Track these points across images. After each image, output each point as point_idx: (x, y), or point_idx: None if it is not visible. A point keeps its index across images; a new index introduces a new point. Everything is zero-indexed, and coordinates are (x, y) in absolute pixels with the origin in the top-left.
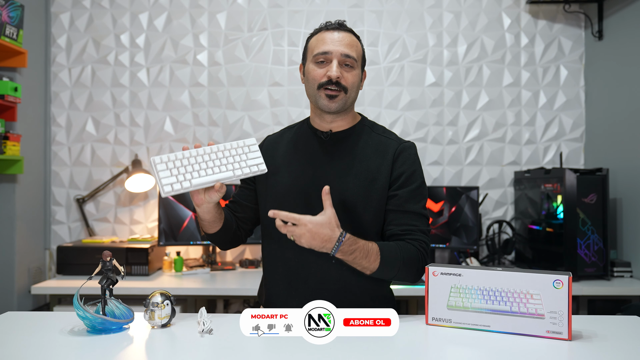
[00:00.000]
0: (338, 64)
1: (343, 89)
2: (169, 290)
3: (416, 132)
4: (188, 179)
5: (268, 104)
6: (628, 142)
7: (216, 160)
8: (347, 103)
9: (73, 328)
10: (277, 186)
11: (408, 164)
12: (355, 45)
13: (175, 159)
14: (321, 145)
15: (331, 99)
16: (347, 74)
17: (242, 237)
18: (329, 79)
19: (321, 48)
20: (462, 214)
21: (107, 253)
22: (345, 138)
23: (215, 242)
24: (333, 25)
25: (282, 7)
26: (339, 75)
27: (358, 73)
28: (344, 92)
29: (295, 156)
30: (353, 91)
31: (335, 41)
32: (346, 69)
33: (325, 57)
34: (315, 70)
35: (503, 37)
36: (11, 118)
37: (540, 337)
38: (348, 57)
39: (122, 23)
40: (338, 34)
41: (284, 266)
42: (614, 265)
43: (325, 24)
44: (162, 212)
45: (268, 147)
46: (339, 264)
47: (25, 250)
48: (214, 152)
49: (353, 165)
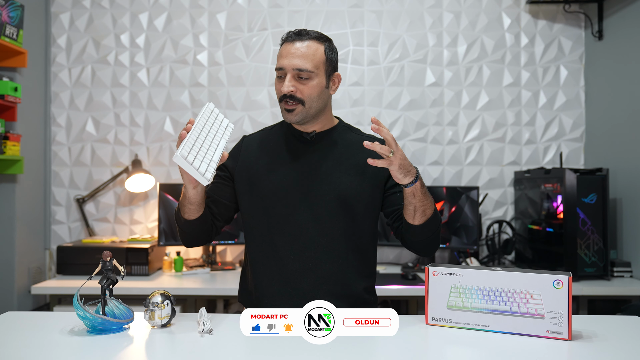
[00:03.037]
0: (292, 78)
1: (300, 102)
2: (169, 290)
3: (416, 132)
4: (210, 157)
5: (268, 104)
6: (628, 142)
7: (209, 134)
8: (309, 113)
9: (73, 328)
10: (263, 186)
11: None
12: (312, 54)
13: (192, 145)
14: (306, 145)
15: (289, 112)
16: (302, 86)
17: (212, 234)
18: (282, 93)
19: (278, 62)
20: (462, 214)
21: (107, 253)
22: (329, 137)
23: (190, 231)
24: (291, 36)
25: (282, 7)
26: (290, 90)
27: (317, 82)
28: (302, 105)
29: (281, 155)
30: (313, 101)
31: (290, 54)
32: (301, 81)
33: (281, 72)
34: (276, 85)
35: (503, 37)
36: (11, 118)
37: (540, 337)
38: (301, 71)
39: (122, 23)
40: (294, 45)
41: (277, 266)
42: (614, 265)
43: (288, 33)
44: (162, 212)
45: (248, 147)
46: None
47: (25, 250)
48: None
49: (341, 162)
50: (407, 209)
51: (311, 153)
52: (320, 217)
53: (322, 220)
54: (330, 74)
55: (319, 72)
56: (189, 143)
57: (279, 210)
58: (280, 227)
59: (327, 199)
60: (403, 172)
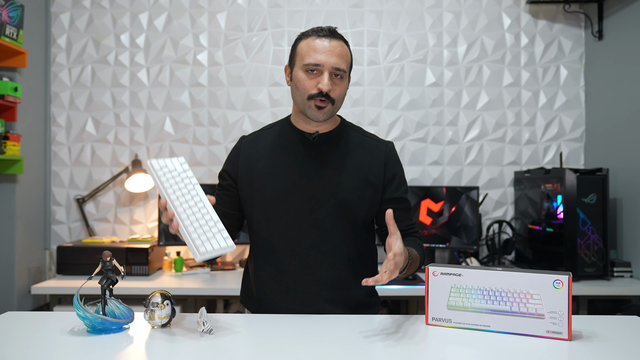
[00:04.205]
0: (329, 75)
1: (331, 101)
2: (169, 290)
3: (416, 132)
4: (213, 223)
5: (268, 104)
6: (628, 142)
7: (189, 200)
8: (333, 113)
9: (73, 328)
10: (265, 189)
11: (397, 165)
12: (346, 55)
13: (196, 234)
14: (308, 146)
15: (320, 109)
16: (336, 86)
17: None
18: (319, 91)
19: (312, 58)
20: (462, 214)
21: (107, 253)
22: (331, 139)
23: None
24: (324, 32)
25: (282, 7)
26: (330, 88)
27: (346, 84)
28: (332, 104)
29: (282, 157)
30: (340, 102)
31: (327, 52)
32: (336, 80)
33: (317, 68)
34: (306, 81)
35: (503, 37)
36: (11, 118)
37: (540, 337)
38: (339, 70)
39: (122, 23)
40: (329, 42)
41: (278, 270)
42: (614, 265)
43: (316, 29)
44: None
45: (247, 149)
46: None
47: (25, 250)
48: (177, 198)
49: (345, 164)
50: None
51: (313, 156)
52: (321, 222)
53: (323, 226)
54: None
55: (348, 73)
56: (192, 235)
57: (279, 216)
58: (281, 233)
59: (328, 204)
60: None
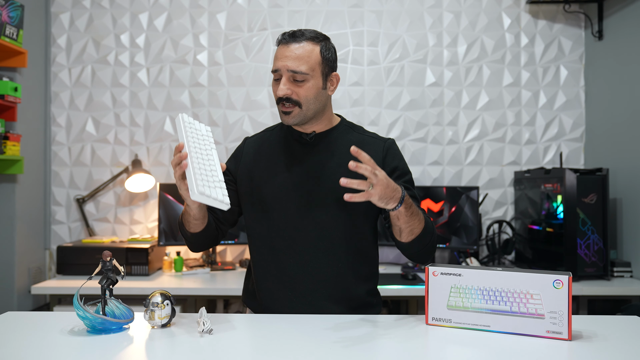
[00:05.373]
0: (287, 80)
1: (296, 104)
2: (169, 290)
3: (416, 132)
4: (218, 178)
5: (268, 104)
6: (628, 142)
7: (202, 152)
8: (307, 115)
9: (73, 328)
10: (263, 190)
11: (398, 159)
12: (307, 56)
13: (200, 176)
14: (306, 146)
15: (286, 114)
16: (298, 88)
17: (218, 238)
18: (279, 96)
19: (274, 64)
20: (462, 214)
21: (107, 253)
22: (329, 138)
23: (197, 241)
24: (286, 38)
25: (282, 7)
26: (286, 93)
27: (313, 84)
28: (299, 107)
29: (282, 158)
30: (310, 103)
31: (285, 56)
32: (297, 83)
33: (277, 75)
34: (273, 87)
35: (503, 37)
36: (11, 118)
37: (540, 337)
38: (296, 73)
39: (122, 23)
40: (289, 47)
41: (277, 269)
42: (614, 265)
43: (282, 34)
44: (162, 212)
45: (249, 149)
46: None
47: (25, 250)
48: (193, 146)
49: (341, 164)
50: (394, 229)
51: (311, 155)
52: (320, 220)
53: (322, 224)
54: (327, 75)
55: (315, 73)
56: (197, 175)
57: (278, 215)
58: (280, 232)
59: (327, 202)
60: (384, 201)
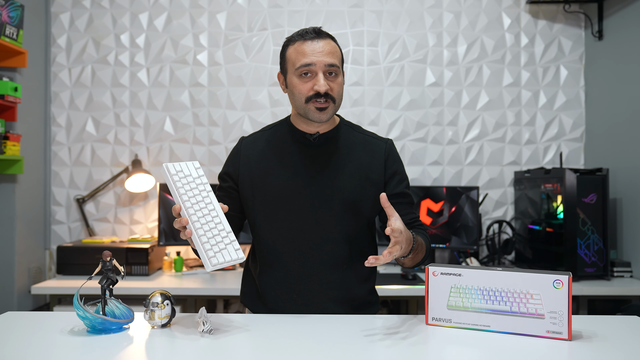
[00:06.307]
0: (323, 75)
1: (332, 100)
2: (169, 290)
3: (416, 132)
4: (225, 232)
5: (268, 104)
6: (628, 142)
7: (201, 206)
8: (335, 111)
9: (73, 328)
10: (267, 189)
11: (397, 162)
12: (335, 51)
13: (208, 244)
14: (309, 147)
15: (321, 110)
16: (333, 83)
17: None
18: (316, 92)
19: (303, 60)
20: (462, 214)
21: (107, 253)
22: (331, 139)
23: None
24: (310, 34)
25: (282, 7)
26: (327, 88)
27: (342, 80)
28: (333, 102)
29: (284, 158)
30: (340, 99)
31: (317, 52)
32: (331, 78)
33: (309, 70)
34: (301, 85)
35: (503, 37)
36: (11, 118)
37: (540, 337)
38: (332, 67)
39: (122, 23)
40: (317, 42)
41: (281, 271)
42: (614, 265)
43: (301, 32)
44: (162, 212)
45: (248, 150)
46: (344, 267)
47: (25, 250)
48: (189, 201)
49: (346, 164)
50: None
51: (314, 156)
52: (324, 222)
53: (326, 226)
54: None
55: (341, 68)
56: (205, 245)
57: (282, 216)
58: (284, 233)
59: (331, 204)
60: (402, 251)
